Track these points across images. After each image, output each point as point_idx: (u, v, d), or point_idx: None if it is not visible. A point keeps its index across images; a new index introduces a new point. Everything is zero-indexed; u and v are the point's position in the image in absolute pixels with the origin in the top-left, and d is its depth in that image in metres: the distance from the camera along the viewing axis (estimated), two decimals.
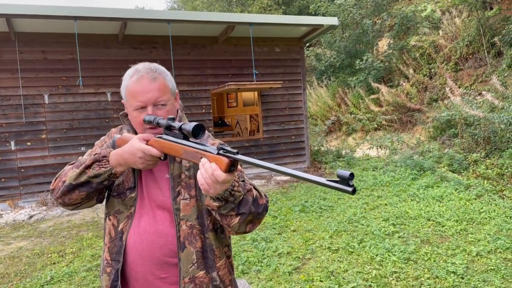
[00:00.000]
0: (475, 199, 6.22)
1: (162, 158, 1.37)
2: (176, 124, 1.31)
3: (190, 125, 1.26)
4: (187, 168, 1.49)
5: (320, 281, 3.98)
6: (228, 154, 1.17)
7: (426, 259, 4.35)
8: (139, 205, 1.49)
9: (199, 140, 1.32)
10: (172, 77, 1.54)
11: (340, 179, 0.88)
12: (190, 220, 1.46)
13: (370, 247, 4.72)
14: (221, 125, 13.92)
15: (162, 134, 1.37)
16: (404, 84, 13.06)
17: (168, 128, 1.34)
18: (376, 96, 13.75)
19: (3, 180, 7.88)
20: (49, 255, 5.19)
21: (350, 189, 0.86)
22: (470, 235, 4.91)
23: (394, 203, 6.46)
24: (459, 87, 10.80)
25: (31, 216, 7.30)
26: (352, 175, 0.85)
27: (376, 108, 13.66)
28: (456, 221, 5.40)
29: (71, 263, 4.85)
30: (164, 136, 1.35)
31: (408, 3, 16.34)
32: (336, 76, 16.65)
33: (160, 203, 1.48)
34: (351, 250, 4.71)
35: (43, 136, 8.13)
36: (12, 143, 7.90)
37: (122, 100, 1.54)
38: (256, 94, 10.86)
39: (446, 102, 10.73)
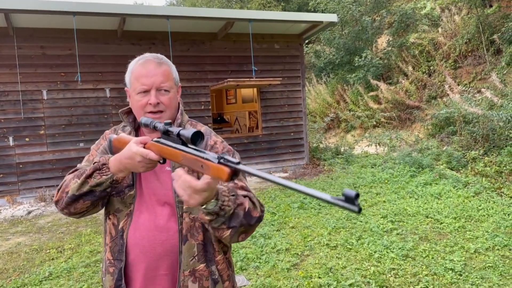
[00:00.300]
0: (474, 197, 6.24)
1: (161, 161, 1.35)
2: (174, 129, 1.28)
3: (189, 131, 1.23)
4: None
5: (319, 277, 3.98)
6: (229, 164, 1.14)
7: (424, 256, 4.36)
8: (138, 202, 1.49)
9: (198, 147, 1.30)
10: (175, 69, 1.56)
11: (346, 198, 0.90)
12: (193, 212, 1.47)
13: (369, 244, 4.73)
14: (220, 121, 13.92)
15: (159, 138, 1.34)
16: (403, 81, 13.07)
17: (166, 133, 1.31)
18: (375, 93, 13.75)
19: (1, 175, 7.86)
20: (47, 251, 5.19)
21: (356, 208, 0.89)
22: (468, 232, 4.93)
23: (393, 200, 6.47)
24: (458, 85, 10.81)
25: (29, 212, 7.30)
26: (357, 195, 0.88)
27: (375, 105, 13.67)
28: (454, 218, 5.41)
29: (70, 259, 4.85)
30: (162, 140, 1.32)
31: (408, 0, 16.32)
32: (335, 73, 16.65)
33: (161, 197, 1.48)
34: (350, 247, 4.72)
35: (42, 132, 8.11)
36: (11, 138, 7.88)
37: (126, 88, 1.54)
38: (255, 90, 10.85)
39: (445, 99, 10.74)
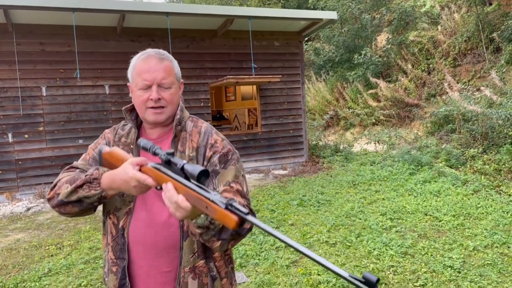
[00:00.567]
0: (472, 194, 6.25)
1: (158, 188, 1.30)
2: (178, 161, 1.22)
3: (195, 168, 1.17)
4: (191, 158, 1.49)
5: (318, 274, 3.99)
6: (238, 213, 1.08)
7: (423, 253, 4.37)
8: (138, 199, 1.48)
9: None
10: (178, 65, 1.56)
11: (366, 281, 0.87)
12: None
13: (368, 241, 4.74)
14: (219, 119, 13.91)
15: (159, 164, 1.29)
16: (403, 79, 13.07)
17: (168, 163, 1.26)
18: (375, 91, 13.75)
19: (0, 172, 7.86)
20: (46, 247, 5.19)
21: None
22: (467, 230, 4.94)
23: (392, 198, 6.48)
24: (457, 83, 10.81)
25: (28, 209, 7.30)
26: (378, 281, 0.86)
27: (374, 103, 13.67)
28: (453, 216, 5.43)
29: (69, 255, 4.85)
30: (163, 168, 1.26)
31: None
32: (334, 71, 16.64)
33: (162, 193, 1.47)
34: (349, 244, 4.73)
35: (41, 128, 8.10)
36: (10, 135, 7.87)
37: (128, 83, 1.54)
38: (254, 88, 10.84)
39: (444, 97, 10.75)
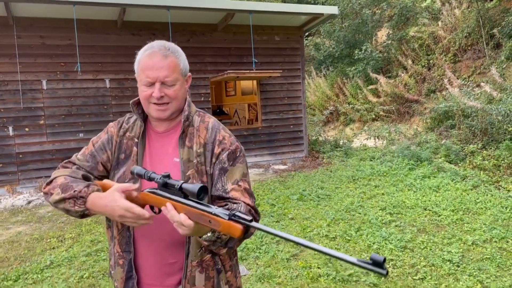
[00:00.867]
0: (471, 190, 6.28)
1: (157, 212, 1.35)
2: (175, 182, 1.26)
3: (194, 186, 1.21)
4: (198, 154, 1.49)
5: (318, 267, 4.02)
6: (242, 222, 1.12)
7: (422, 247, 4.40)
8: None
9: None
10: (185, 58, 1.53)
11: (373, 262, 0.93)
12: None
13: (367, 235, 4.77)
14: (219, 114, 13.90)
15: (155, 189, 1.32)
16: (403, 75, 13.07)
17: (165, 186, 1.29)
18: (374, 86, 13.75)
19: (1, 165, 7.87)
20: (48, 240, 5.22)
21: (384, 272, 0.92)
22: (466, 224, 4.97)
23: (391, 193, 6.51)
24: (457, 79, 10.82)
25: (29, 202, 7.32)
26: (385, 260, 0.92)
27: (374, 99, 13.68)
28: (452, 211, 5.46)
29: (71, 248, 4.88)
30: (159, 192, 1.30)
31: None
32: (334, 66, 16.63)
33: None
34: (349, 238, 4.76)
35: (41, 122, 8.11)
36: (10, 128, 7.88)
37: (135, 75, 1.54)
38: (254, 83, 10.84)
39: (444, 93, 10.76)
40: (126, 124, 1.61)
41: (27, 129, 8.01)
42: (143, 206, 1.37)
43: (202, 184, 1.22)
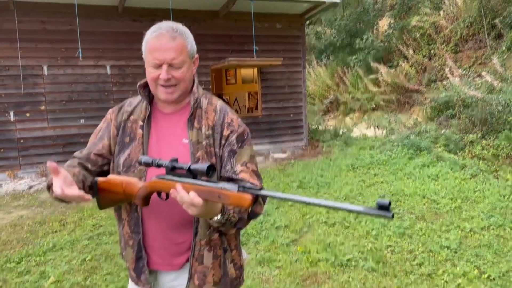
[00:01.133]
0: (470, 179, 6.32)
1: (165, 198, 1.39)
2: (183, 165, 1.30)
3: (203, 165, 1.25)
4: (207, 136, 1.50)
5: (317, 252, 4.08)
6: (251, 191, 1.17)
7: (420, 234, 4.46)
8: (149, 174, 1.48)
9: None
10: (193, 40, 1.52)
11: (379, 206, 0.99)
12: None
13: (366, 222, 4.82)
14: None
15: (163, 175, 1.35)
16: (403, 64, 13.06)
17: (173, 169, 1.32)
18: (375, 76, 13.75)
19: (2, 150, 7.89)
20: (50, 224, 5.27)
21: (390, 214, 0.99)
22: (464, 212, 5.02)
23: (390, 181, 6.55)
24: (458, 69, 10.82)
25: (30, 187, 7.36)
26: (390, 203, 0.98)
27: (374, 88, 13.68)
28: (451, 199, 5.50)
29: (73, 231, 4.93)
30: (167, 177, 1.33)
31: None
32: (335, 56, 16.59)
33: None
34: (347, 225, 4.82)
35: (42, 107, 8.11)
36: (11, 113, 7.89)
37: (143, 55, 1.53)
38: (255, 71, 10.82)
39: (445, 83, 10.77)
40: (129, 107, 1.61)
41: (28, 114, 8.01)
42: (150, 195, 1.40)
43: (209, 163, 1.25)
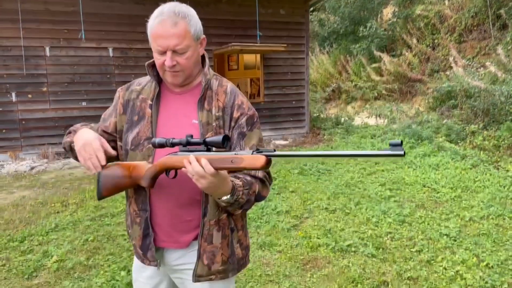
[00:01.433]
0: (471, 169, 6.35)
1: (173, 176, 1.42)
2: (198, 140, 1.33)
3: (217, 137, 1.28)
4: (217, 118, 1.50)
5: (318, 238, 4.11)
6: (265, 153, 1.22)
7: (420, 222, 4.49)
8: (158, 153, 1.48)
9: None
10: (198, 20, 1.48)
11: (391, 146, 1.04)
12: None
13: (367, 209, 4.85)
14: None
15: (175, 153, 1.38)
16: (407, 54, 13.00)
17: (188, 143, 1.34)
18: (378, 65, 13.70)
19: (4, 131, 7.89)
20: (52, 205, 5.30)
21: (402, 151, 1.03)
22: (464, 201, 5.05)
23: (391, 170, 6.58)
24: (462, 59, 10.78)
25: (32, 168, 7.38)
26: (401, 142, 1.03)
27: (377, 77, 13.64)
28: (451, 188, 5.53)
29: (75, 212, 4.97)
30: (180, 153, 1.36)
31: None
32: (338, 43, 16.50)
33: None
34: (348, 211, 4.84)
35: (44, 89, 8.09)
36: (13, 94, 7.88)
37: (149, 40, 1.50)
38: (258, 57, 10.77)
39: (448, 73, 10.73)
40: (138, 85, 1.61)
41: (30, 95, 8.00)
42: (159, 175, 1.42)
43: (224, 134, 1.28)
